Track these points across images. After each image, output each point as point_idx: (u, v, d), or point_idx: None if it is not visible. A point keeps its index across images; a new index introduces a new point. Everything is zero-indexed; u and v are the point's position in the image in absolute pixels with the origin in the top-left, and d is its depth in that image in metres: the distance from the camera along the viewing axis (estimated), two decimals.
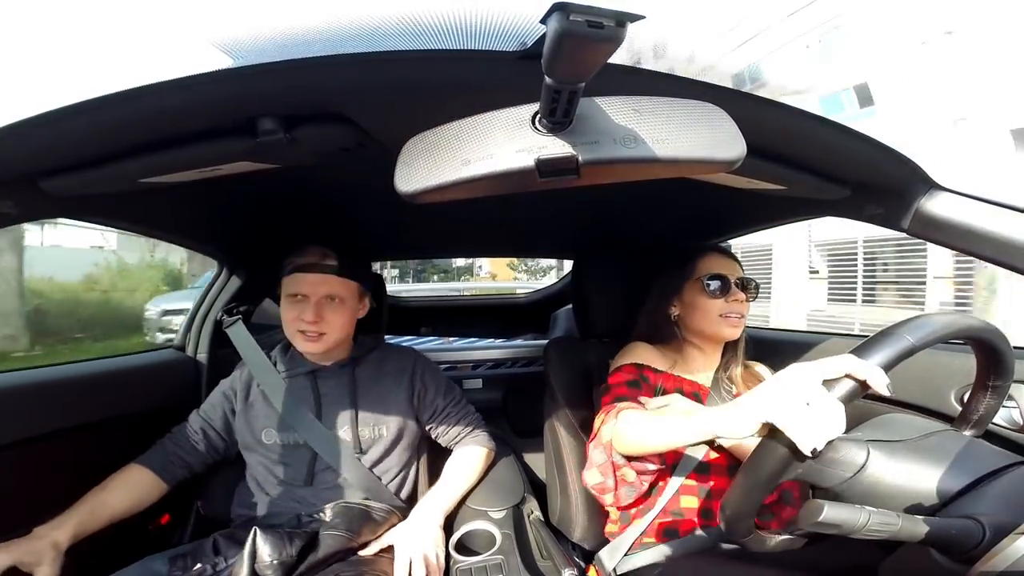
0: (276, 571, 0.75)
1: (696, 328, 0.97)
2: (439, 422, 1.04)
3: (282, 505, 0.92)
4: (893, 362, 0.51)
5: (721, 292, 0.93)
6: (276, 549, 0.76)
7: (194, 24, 0.50)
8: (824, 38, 7.31)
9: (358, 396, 0.99)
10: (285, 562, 0.76)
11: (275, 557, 0.75)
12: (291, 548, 0.77)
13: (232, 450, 1.01)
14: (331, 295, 0.95)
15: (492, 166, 0.41)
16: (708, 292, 0.94)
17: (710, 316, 0.94)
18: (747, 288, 0.95)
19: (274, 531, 0.79)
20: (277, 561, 0.75)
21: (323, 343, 0.95)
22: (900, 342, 0.52)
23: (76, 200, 0.73)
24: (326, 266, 0.94)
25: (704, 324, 0.95)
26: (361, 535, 0.85)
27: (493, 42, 0.48)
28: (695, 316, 0.96)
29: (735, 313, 0.93)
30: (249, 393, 1.01)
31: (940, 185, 0.72)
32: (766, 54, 7.07)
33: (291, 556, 0.76)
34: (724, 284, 0.94)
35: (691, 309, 0.97)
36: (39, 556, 0.74)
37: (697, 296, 0.96)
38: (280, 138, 0.57)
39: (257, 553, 0.76)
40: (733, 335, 0.95)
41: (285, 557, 0.76)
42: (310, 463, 0.94)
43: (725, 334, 0.94)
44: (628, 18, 0.31)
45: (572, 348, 1.17)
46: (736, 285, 0.94)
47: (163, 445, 0.97)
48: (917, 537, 0.49)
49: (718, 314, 0.93)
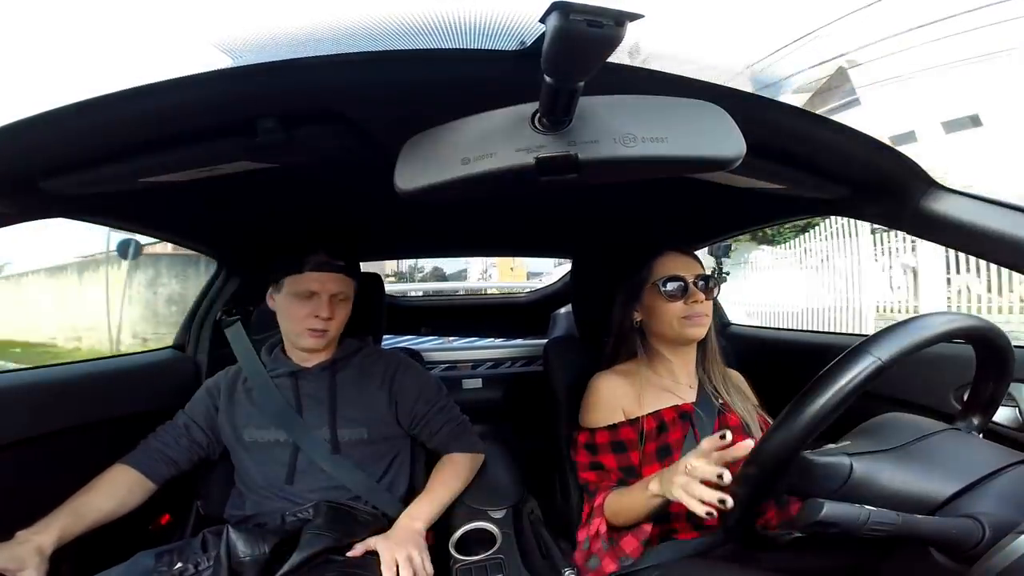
0: (251, 568, 0.77)
1: (660, 333, 0.94)
2: (422, 428, 1.04)
3: (268, 504, 0.93)
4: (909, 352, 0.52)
5: (680, 294, 0.90)
6: (249, 546, 0.78)
7: (194, 24, 0.50)
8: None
9: (337, 398, 1.00)
10: (259, 559, 0.77)
11: (248, 554, 0.77)
12: (265, 545, 0.79)
13: (216, 447, 1.01)
14: (339, 293, 0.98)
15: (492, 165, 0.41)
16: (666, 295, 0.90)
17: (671, 320, 0.91)
18: (707, 287, 0.92)
19: (248, 529, 0.80)
20: (251, 558, 0.77)
21: (326, 338, 0.98)
22: (909, 337, 0.52)
23: (76, 200, 0.73)
24: (336, 264, 0.97)
25: (666, 328, 0.92)
26: (345, 536, 0.85)
27: (492, 41, 0.48)
28: (656, 321, 0.93)
29: (697, 314, 0.90)
30: (234, 392, 1.02)
31: (939, 184, 0.72)
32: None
33: (264, 553, 0.78)
34: (682, 285, 0.91)
35: (651, 314, 0.94)
36: (22, 562, 0.71)
37: (656, 300, 0.92)
38: (280, 138, 0.57)
39: (232, 550, 0.77)
40: (698, 335, 0.91)
41: (258, 554, 0.77)
42: (291, 461, 0.95)
43: (689, 335, 0.91)
44: (627, 17, 0.31)
45: (572, 348, 1.17)
46: (695, 285, 0.91)
47: (146, 443, 0.97)
48: (917, 537, 0.49)
49: (679, 317, 0.90)
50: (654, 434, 0.89)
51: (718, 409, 0.92)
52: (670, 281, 0.91)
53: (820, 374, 0.53)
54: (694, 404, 0.92)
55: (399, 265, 12.15)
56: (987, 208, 0.68)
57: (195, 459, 1.00)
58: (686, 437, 0.88)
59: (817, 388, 0.52)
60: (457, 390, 1.71)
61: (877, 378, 0.51)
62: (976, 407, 0.65)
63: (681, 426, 0.89)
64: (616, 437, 0.90)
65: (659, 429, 0.89)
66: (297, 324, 0.96)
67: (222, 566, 0.76)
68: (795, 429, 0.52)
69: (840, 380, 0.51)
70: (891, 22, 7.87)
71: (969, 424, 0.64)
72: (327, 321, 0.96)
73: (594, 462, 0.90)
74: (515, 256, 7.64)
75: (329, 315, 0.95)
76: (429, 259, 7.33)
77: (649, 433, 0.89)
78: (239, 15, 0.49)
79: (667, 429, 0.89)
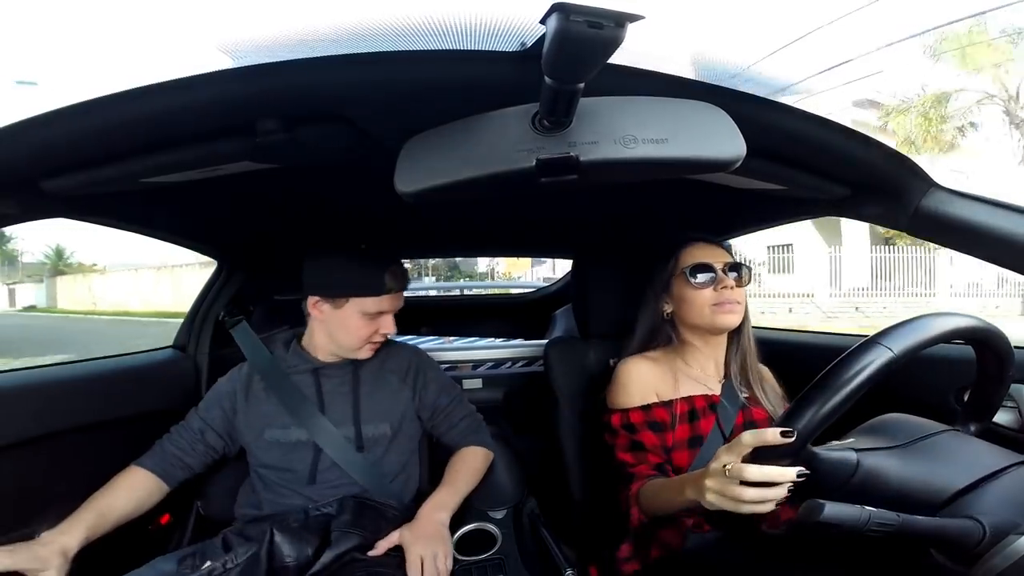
0: (293, 572, 0.75)
1: (691, 323, 0.93)
2: (441, 421, 1.05)
3: (286, 503, 0.92)
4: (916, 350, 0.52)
5: (708, 282, 0.90)
6: (295, 548, 0.76)
7: (195, 24, 0.50)
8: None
9: (360, 394, 0.99)
10: (302, 561, 0.76)
11: (293, 557, 0.76)
12: (308, 547, 0.78)
13: (232, 449, 1.01)
14: (399, 308, 1.00)
15: (492, 166, 0.41)
16: (694, 284, 0.90)
17: (701, 308, 0.90)
18: (739, 275, 0.91)
19: (291, 530, 0.78)
20: (295, 561, 0.75)
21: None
22: (917, 333, 0.52)
23: (77, 200, 0.73)
24: (405, 286, 1.00)
25: (697, 318, 0.91)
26: (373, 532, 0.85)
27: (493, 42, 0.48)
28: (687, 311, 0.92)
29: (728, 301, 0.89)
30: (249, 392, 1.01)
31: (939, 185, 0.72)
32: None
33: (308, 555, 0.77)
34: (710, 273, 0.90)
35: (682, 304, 0.93)
36: (46, 563, 0.72)
37: (685, 289, 0.91)
38: (280, 138, 0.57)
39: (275, 552, 0.75)
40: (731, 323, 0.90)
41: (302, 557, 0.76)
42: (313, 460, 0.94)
43: (720, 324, 0.89)
44: (628, 18, 0.31)
45: (572, 348, 1.17)
46: (724, 272, 0.90)
47: (162, 447, 0.96)
48: (917, 537, 0.49)
49: (709, 305, 0.89)
50: (686, 418, 0.88)
51: (742, 403, 0.91)
52: (697, 269, 0.90)
53: (829, 367, 0.53)
54: (720, 396, 0.92)
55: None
56: (987, 209, 0.68)
57: (209, 463, 0.99)
58: (712, 430, 0.87)
59: (827, 380, 0.52)
60: None
61: (888, 372, 0.51)
62: (976, 408, 0.65)
63: (711, 417, 0.89)
64: (651, 417, 0.89)
65: (690, 416, 0.88)
66: (359, 340, 0.97)
67: (261, 567, 0.74)
68: (804, 420, 0.52)
69: (851, 371, 0.51)
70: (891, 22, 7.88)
71: (968, 426, 0.64)
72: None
73: (634, 441, 0.87)
74: (515, 256, 7.65)
75: (394, 332, 0.98)
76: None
77: (681, 416, 0.88)
78: (240, 16, 0.49)
79: (698, 417, 0.88)
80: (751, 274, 0.93)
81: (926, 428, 0.59)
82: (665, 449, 0.87)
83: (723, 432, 0.87)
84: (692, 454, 0.85)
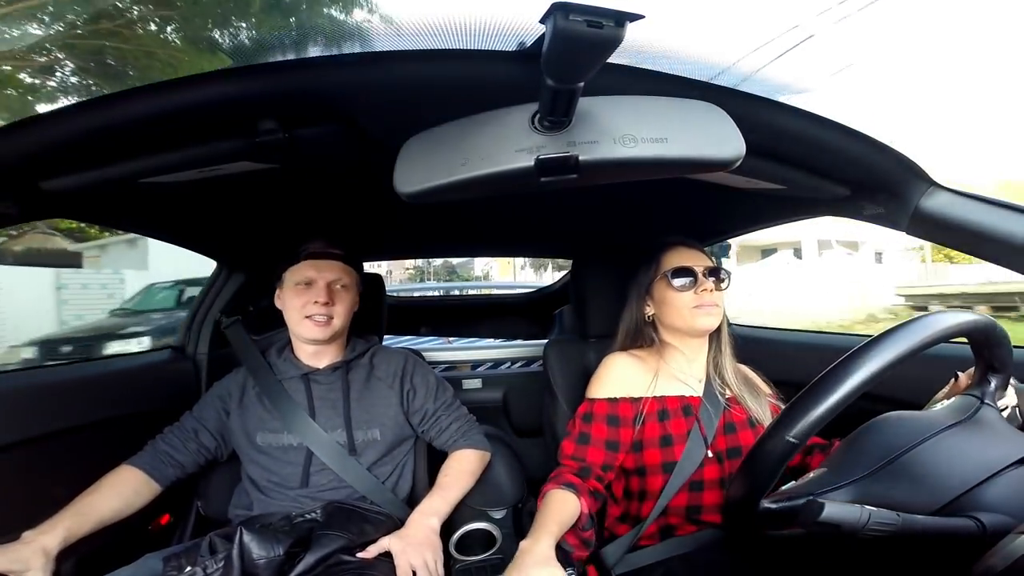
0: (265, 571, 0.75)
1: (672, 325, 0.95)
2: (431, 425, 1.04)
3: (277, 506, 0.92)
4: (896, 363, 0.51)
5: (689, 285, 0.92)
6: (264, 548, 0.76)
7: (195, 24, 0.50)
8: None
9: (351, 399, 1.00)
10: (274, 561, 0.76)
11: (263, 556, 0.75)
12: (280, 547, 0.77)
13: (224, 451, 1.01)
14: (337, 280, 0.99)
15: (491, 166, 0.41)
16: (675, 287, 0.92)
17: (681, 311, 0.92)
18: (717, 278, 0.93)
19: (262, 530, 0.79)
20: (265, 560, 0.75)
21: (330, 328, 0.97)
22: (910, 338, 0.52)
23: (76, 200, 0.73)
24: (333, 253, 0.99)
25: (677, 320, 0.93)
26: (358, 536, 0.85)
27: (492, 42, 0.48)
28: (667, 313, 0.94)
29: (707, 304, 0.91)
30: (244, 395, 1.01)
31: (939, 184, 0.72)
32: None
33: (279, 555, 0.77)
34: (690, 276, 0.92)
35: (662, 306, 0.95)
36: (27, 563, 0.71)
37: (666, 292, 0.93)
38: (280, 138, 0.57)
39: (245, 552, 0.76)
40: (710, 325, 0.92)
41: (273, 556, 0.76)
42: (305, 464, 0.94)
43: (700, 326, 0.91)
44: (628, 18, 0.31)
45: (571, 348, 1.17)
46: (704, 276, 0.92)
47: (154, 445, 0.96)
48: (917, 536, 0.49)
49: (689, 307, 0.91)
50: (655, 418, 0.90)
51: (724, 404, 0.92)
52: (678, 273, 0.93)
53: (821, 375, 0.52)
54: (701, 398, 0.93)
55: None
56: (987, 208, 0.68)
57: (202, 462, 0.99)
58: (691, 432, 0.88)
59: (816, 389, 0.51)
60: (457, 390, 1.70)
61: (879, 380, 0.50)
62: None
63: (685, 419, 0.89)
64: (613, 411, 0.91)
65: (661, 415, 0.90)
66: (297, 313, 0.96)
67: (233, 568, 0.75)
68: (791, 430, 0.51)
69: (841, 381, 0.50)
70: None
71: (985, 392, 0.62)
72: (326, 307, 0.95)
73: (583, 433, 0.90)
74: (515, 256, 7.66)
75: (327, 300, 0.95)
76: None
77: (650, 415, 0.90)
78: (240, 16, 0.49)
79: (669, 417, 0.89)
80: (730, 278, 0.95)
81: (922, 430, 0.57)
82: (616, 444, 0.88)
83: (704, 434, 0.88)
84: (664, 452, 0.86)
